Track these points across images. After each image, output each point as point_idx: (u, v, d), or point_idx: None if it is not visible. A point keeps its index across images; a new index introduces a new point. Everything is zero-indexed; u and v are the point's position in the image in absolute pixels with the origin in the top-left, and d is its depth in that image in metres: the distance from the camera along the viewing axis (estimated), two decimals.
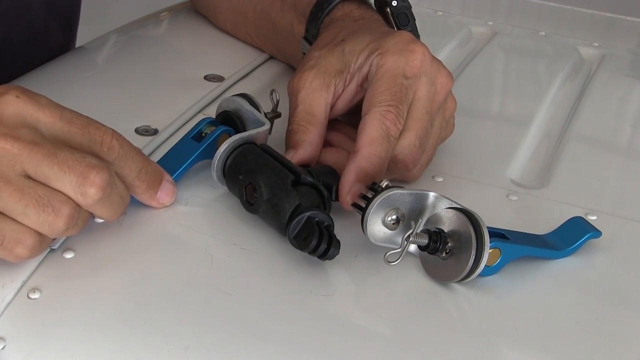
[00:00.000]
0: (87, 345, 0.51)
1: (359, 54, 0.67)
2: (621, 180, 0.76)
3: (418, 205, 0.59)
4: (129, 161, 0.58)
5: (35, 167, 0.53)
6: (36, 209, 0.53)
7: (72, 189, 0.54)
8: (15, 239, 0.54)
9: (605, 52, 1.01)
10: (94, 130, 0.56)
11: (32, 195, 0.53)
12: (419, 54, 0.65)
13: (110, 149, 0.57)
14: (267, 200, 0.59)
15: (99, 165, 0.55)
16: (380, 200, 0.58)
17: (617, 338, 0.56)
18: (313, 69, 0.68)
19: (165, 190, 0.61)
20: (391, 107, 0.63)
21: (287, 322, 0.54)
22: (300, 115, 0.66)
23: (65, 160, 0.54)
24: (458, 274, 0.56)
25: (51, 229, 0.54)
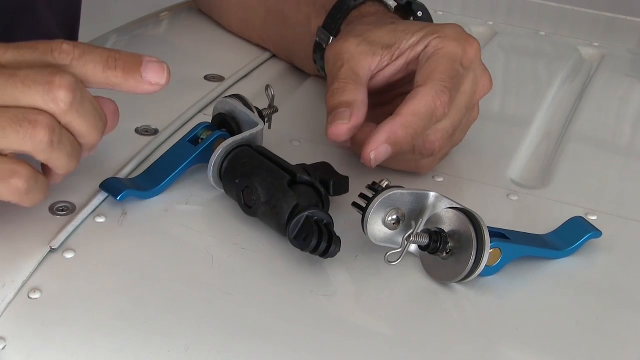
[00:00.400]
0: (87, 345, 0.51)
1: (414, 34, 0.67)
2: (622, 180, 0.76)
3: (418, 205, 0.59)
4: (89, 56, 0.55)
5: (1, 93, 0.53)
6: (13, 127, 0.52)
7: (42, 99, 0.53)
8: (9, 170, 0.53)
9: (605, 52, 1.01)
10: (42, 45, 0.55)
11: (6, 117, 0.52)
12: (475, 46, 0.66)
13: (63, 52, 0.55)
14: (265, 203, 0.59)
15: (61, 70, 0.54)
16: (381, 200, 0.58)
17: (618, 338, 0.56)
18: (359, 37, 0.67)
19: (151, 69, 0.57)
20: (447, 90, 0.63)
21: (288, 322, 0.54)
22: (346, 73, 0.65)
23: (26, 75, 0.53)
24: (458, 274, 0.56)
25: (34, 143, 0.53)
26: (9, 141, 0.53)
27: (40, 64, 0.55)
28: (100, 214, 0.61)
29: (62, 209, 0.60)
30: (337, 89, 0.64)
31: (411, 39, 0.67)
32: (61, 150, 0.54)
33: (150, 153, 0.68)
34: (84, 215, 0.60)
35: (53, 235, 0.58)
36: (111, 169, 0.65)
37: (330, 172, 0.63)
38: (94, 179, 0.63)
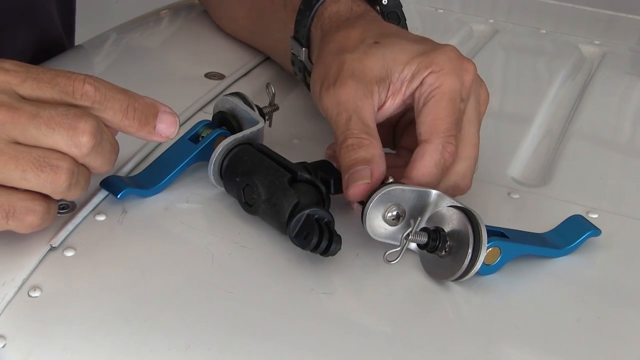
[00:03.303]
0: (87, 344, 0.51)
1: (405, 66, 0.63)
2: (622, 178, 0.76)
3: (420, 202, 0.59)
4: (109, 102, 0.56)
5: (23, 132, 0.53)
6: (34, 171, 0.53)
7: (65, 143, 0.53)
8: (25, 208, 0.54)
9: (606, 50, 1.00)
10: (63, 81, 0.55)
11: (28, 159, 0.53)
12: (471, 71, 0.63)
13: (84, 95, 0.55)
14: (265, 201, 0.59)
15: (85, 113, 0.54)
16: (380, 195, 0.57)
17: (619, 336, 0.56)
18: (353, 77, 0.63)
19: (165, 122, 0.58)
20: (452, 138, 0.61)
21: (288, 320, 0.54)
22: (357, 127, 0.61)
23: (50, 117, 0.53)
24: (455, 272, 0.56)
25: (54, 187, 0.54)
26: (29, 183, 0.54)
27: (61, 101, 0.55)
28: (100, 212, 0.61)
29: (62, 207, 0.60)
30: (352, 145, 0.61)
31: (403, 72, 0.63)
32: (76, 187, 0.55)
33: (151, 151, 0.68)
34: (84, 213, 0.60)
35: (53, 233, 0.58)
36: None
37: (331, 170, 0.63)
38: (94, 177, 0.63)
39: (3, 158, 0.53)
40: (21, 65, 0.56)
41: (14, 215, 0.54)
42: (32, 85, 0.55)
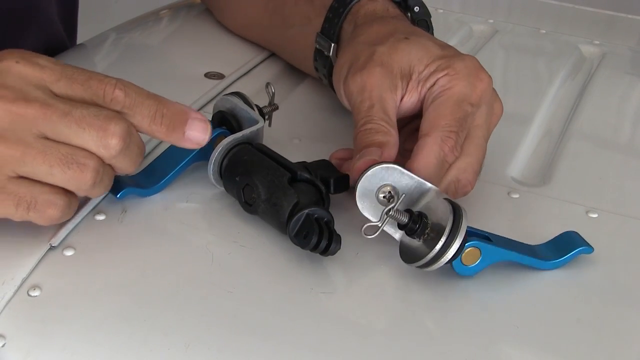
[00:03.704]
0: (87, 343, 0.51)
1: (427, 66, 0.65)
2: (622, 178, 0.76)
3: (415, 192, 0.58)
4: (138, 108, 0.57)
5: (53, 128, 0.54)
6: (61, 167, 0.54)
7: (94, 143, 0.54)
8: (47, 201, 0.55)
9: (606, 50, 1.00)
10: (95, 84, 0.56)
11: (56, 155, 0.54)
12: (485, 83, 0.65)
13: (114, 99, 0.56)
14: (265, 200, 0.59)
15: (116, 116, 0.55)
16: (379, 168, 0.57)
17: (619, 336, 0.56)
18: (382, 66, 0.66)
19: (195, 128, 0.58)
20: (452, 134, 0.62)
21: (288, 319, 0.54)
22: (379, 115, 0.64)
23: (82, 117, 0.54)
24: (424, 256, 0.56)
25: (79, 185, 0.55)
26: (54, 178, 0.54)
27: (91, 103, 0.56)
28: (100, 211, 0.61)
29: None
30: (371, 129, 0.63)
31: (423, 72, 0.65)
32: (100, 186, 0.56)
33: (151, 151, 0.68)
34: (84, 212, 0.60)
35: (53, 232, 0.58)
36: None
37: (331, 170, 0.63)
38: None
39: (31, 152, 0.54)
40: (56, 63, 0.56)
41: (35, 207, 0.55)
42: (65, 84, 0.56)
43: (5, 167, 0.54)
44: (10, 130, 0.54)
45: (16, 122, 0.54)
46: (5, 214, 0.55)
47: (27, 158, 0.54)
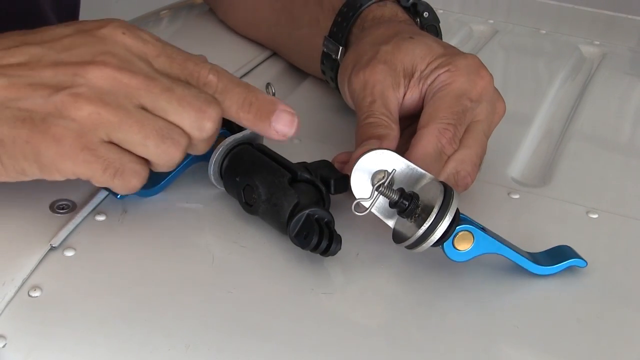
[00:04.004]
0: (87, 344, 0.51)
1: (429, 63, 0.66)
2: (622, 179, 0.76)
3: (412, 181, 0.58)
4: (229, 94, 0.57)
5: (154, 101, 0.55)
6: (156, 140, 0.55)
7: (189, 123, 0.55)
8: (133, 170, 0.56)
9: (606, 51, 1.01)
10: (191, 65, 0.57)
11: (152, 127, 0.55)
12: (485, 81, 0.66)
13: (207, 84, 0.57)
14: (265, 201, 0.59)
15: (214, 101, 0.56)
16: (375, 152, 0.57)
17: (619, 336, 0.56)
18: (385, 64, 0.67)
19: (281, 120, 0.58)
20: (450, 126, 0.63)
21: (288, 320, 0.54)
22: (380, 110, 0.65)
23: (183, 95, 0.55)
24: (412, 234, 0.56)
25: (167, 160, 0.56)
26: (147, 150, 0.55)
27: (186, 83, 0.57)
28: (100, 212, 0.61)
29: (62, 207, 0.60)
30: (372, 123, 0.64)
31: (425, 69, 0.66)
32: (177, 165, 0.57)
33: None
34: (84, 213, 0.60)
35: (53, 233, 0.58)
36: None
37: (331, 170, 0.63)
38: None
39: (129, 120, 0.54)
40: (158, 39, 0.58)
41: (122, 175, 0.55)
42: (164, 61, 0.57)
43: (101, 130, 0.54)
44: (112, 95, 0.54)
45: (119, 89, 0.54)
46: (90, 176, 0.55)
47: (123, 125, 0.54)
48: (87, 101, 0.54)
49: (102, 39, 0.56)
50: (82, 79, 0.54)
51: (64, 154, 0.54)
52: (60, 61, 0.55)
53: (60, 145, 0.54)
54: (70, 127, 0.54)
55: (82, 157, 0.54)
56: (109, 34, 0.56)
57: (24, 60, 0.55)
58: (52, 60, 0.55)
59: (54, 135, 0.53)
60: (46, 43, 0.56)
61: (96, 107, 0.54)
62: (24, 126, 0.54)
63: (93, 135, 0.54)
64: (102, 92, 0.54)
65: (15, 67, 0.55)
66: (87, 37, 0.56)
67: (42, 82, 0.54)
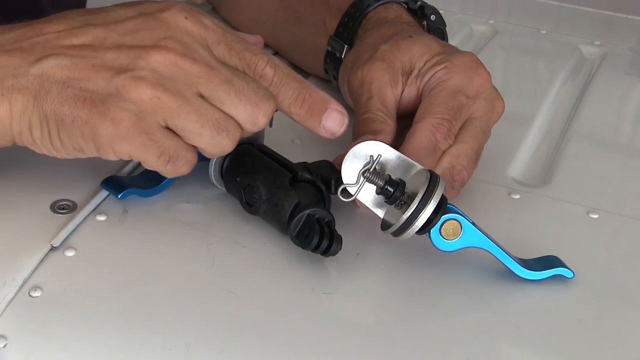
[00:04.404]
0: (88, 344, 0.51)
1: (427, 61, 0.67)
2: (623, 179, 0.76)
3: (402, 170, 0.58)
4: (283, 88, 0.58)
5: (212, 91, 0.55)
6: (211, 131, 0.55)
7: (244, 116, 0.56)
8: (186, 158, 0.56)
9: (606, 51, 1.00)
10: (249, 56, 0.57)
11: (210, 117, 0.55)
12: (482, 78, 0.66)
13: (263, 76, 0.57)
14: (266, 201, 0.59)
15: (271, 96, 0.57)
16: (366, 142, 0.57)
17: (619, 336, 0.56)
18: (383, 62, 0.67)
19: (331, 119, 0.59)
20: (445, 121, 0.63)
21: (289, 320, 0.54)
22: (377, 106, 0.65)
23: (241, 88, 0.56)
24: (395, 220, 0.56)
25: (219, 150, 0.56)
26: (201, 139, 0.56)
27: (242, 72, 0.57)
28: (101, 212, 0.61)
29: (63, 207, 0.60)
30: (368, 119, 0.65)
31: (423, 67, 0.67)
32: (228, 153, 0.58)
33: None
34: (85, 213, 0.60)
35: (54, 233, 0.58)
36: (112, 167, 0.65)
37: (332, 170, 0.63)
38: (95, 177, 0.63)
39: (187, 108, 0.55)
40: (218, 25, 0.58)
41: (175, 162, 0.56)
42: (223, 49, 0.57)
43: (159, 115, 0.55)
44: (172, 80, 0.55)
45: (179, 75, 0.55)
46: (144, 160, 0.56)
47: (182, 112, 0.54)
48: (148, 85, 0.54)
49: (164, 22, 0.57)
50: (145, 62, 0.55)
51: (121, 136, 0.54)
52: (123, 44, 0.56)
53: (118, 127, 0.54)
54: (130, 110, 0.54)
55: (140, 141, 0.55)
56: (171, 18, 0.57)
57: (87, 42, 0.56)
58: (115, 42, 0.56)
59: (113, 116, 0.54)
60: (109, 25, 0.57)
61: (157, 91, 0.54)
62: (85, 106, 0.54)
63: (151, 119, 0.54)
64: (163, 77, 0.55)
65: (78, 48, 0.56)
66: (150, 21, 0.57)
67: (105, 63, 0.55)
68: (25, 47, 0.56)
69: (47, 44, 0.56)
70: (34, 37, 0.56)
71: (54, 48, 0.56)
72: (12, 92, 0.55)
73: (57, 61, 0.55)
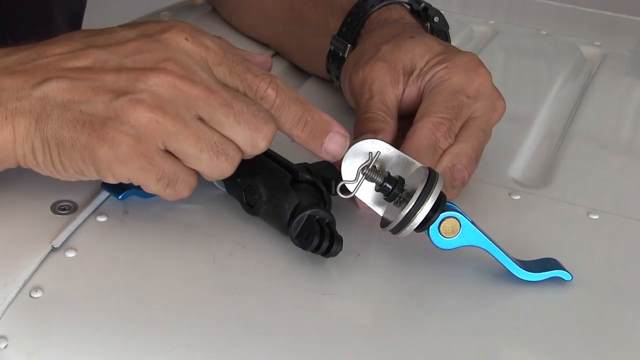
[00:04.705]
0: (89, 344, 0.51)
1: (428, 61, 0.67)
2: (623, 179, 0.76)
3: (401, 168, 0.58)
4: (285, 110, 0.57)
5: (211, 114, 0.55)
6: (210, 154, 0.55)
7: (244, 139, 0.55)
8: (186, 182, 0.56)
9: (606, 51, 1.01)
10: (251, 77, 0.57)
11: (208, 141, 0.55)
12: (483, 78, 0.66)
13: (265, 97, 0.57)
14: (266, 202, 0.59)
15: (271, 119, 0.56)
16: (365, 141, 0.58)
17: (620, 337, 0.56)
18: (385, 62, 0.68)
19: (333, 142, 0.58)
20: (445, 120, 0.63)
21: (289, 321, 0.54)
22: (377, 105, 0.66)
23: (240, 111, 0.55)
24: (394, 218, 0.56)
25: (219, 174, 0.56)
26: (199, 163, 0.55)
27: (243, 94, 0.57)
28: (101, 213, 0.61)
29: (63, 208, 0.60)
30: (369, 118, 0.65)
31: (425, 67, 0.67)
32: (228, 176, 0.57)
33: None
34: (86, 214, 0.60)
35: (55, 234, 0.58)
36: None
37: (332, 171, 0.63)
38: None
39: (186, 131, 0.54)
40: (220, 46, 0.58)
41: (174, 186, 0.56)
42: (224, 70, 0.57)
43: (158, 138, 0.54)
44: (171, 103, 0.54)
45: (178, 97, 0.54)
46: (143, 183, 0.56)
47: (180, 136, 0.54)
48: (147, 108, 0.54)
49: (165, 44, 0.56)
50: (143, 84, 0.54)
51: (120, 160, 0.54)
52: (123, 66, 0.55)
53: (116, 151, 0.54)
54: (129, 133, 0.54)
55: (138, 164, 0.54)
56: (171, 39, 0.56)
57: (88, 64, 0.56)
58: (115, 64, 0.56)
59: (111, 140, 0.54)
60: (110, 47, 0.57)
61: (155, 114, 0.54)
62: (84, 130, 0.54)
63: (150, 142, 0.54)
64: (162, 99, 0.54)
65: (79, 71, 0.55)
66: (151, 42, 0.56)
67: (104, 86, 0.55)
68: (28, 69, 0.56)
69: (50, 66, 0.56)
70: (38, 59, 0.56)
71: (56, 70, 0.56)
72: (15, 115, 0.55)
73: (58, 84, 0.55)
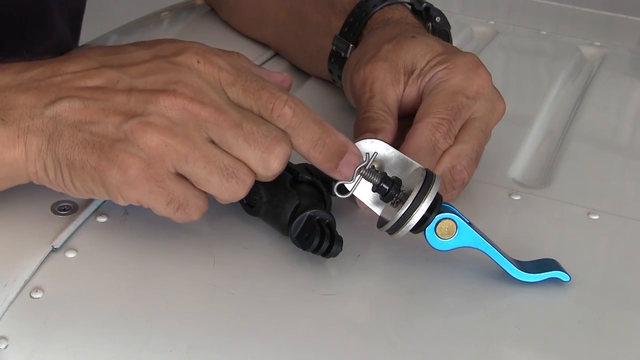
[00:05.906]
0: (89, 345, 0.51)
1: (428, 61, 0.67)
2: (623, 180, 0.76)
3: (401, 171, 0.58)
4: (302, 131, 0.56)
5: (220, 135, 0.54)
6: (220, 177, 0.54)
7: (255, 160, 0.54)
8: (196, 206, 0.55)
9: (606, 52, 1.01)
10: (266, 96, 0.56)
11: (218, 164, 0.54)
12: (483, 78, 0.66)
13: (281, 116, 0.55)
14: (266, 202, 0.59)
15: (283, 139, 0.55)
16: (364, 140, 0.58)
17: (620, 337, 0.56)
18: (386, 62, 0.68)
19: (348, 163, 0.57)
20: (444, 121, 0.63)
21: (289, 321, 0.54)
22: (378, 105, 0.65)
23: (251, 132, 0.54)
24: (390, 218, 0.56)
25: (230, 197, 0.55)
26: (210, 186, 0.55)
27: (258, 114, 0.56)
28: (102, 213, 0.61)
29: (64, 209, 0.60)
30: (369, 118, 0.65)
31: (425, 67, 0.67)
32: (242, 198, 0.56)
33: None
34: (86, 214, 0.60)
35: (55, 234, 0.58)
36: None
37: None
38: None
39: (196, 154, 0.54)
40: (234, 65, 0.57)
41: (184, 209, 0.55)
42: (238, 90, 0.56)
43: (167, 161, 0.54)
44: (181, 126, 0.54)
45: (188, 120, 0.54)
46: (153, 206, 0.55)
47: (189, 158, 0.54)
48: (156, 130, 0.53)
49: (177, 65, 0.56)
50: (154, 106, 0.54)
51: (129, 183, 0.54)
52: (134, 87, 0.55)
53: (125, 174, 0.53)
54: (139, 156, 0.53)
55: (148, 188, 0.54)
56: (184, 62, 0.56)
57: (101, 84, 0.55)
58: (126, 85, 0.55)
59: (121, 163, 0.53)
60: (123, 67, 0.56)
61: (165, 137, 0.53)
62: (94, 152, 0.54)
63: (160, 166, 0.54)
64: (171, 122, 0.54)
65: (91, 90, 0.55)
66: (163, 64, 0.56)
67: (115, 107, 0.54)
68: (42, 87, 0.56)
69: (62, 85, 0.56)
70: (52, 76, 0.56)
71: (69, 90, 0.55)
72: (27, 133, 0.55)
73: (70, 103, 0.55)
